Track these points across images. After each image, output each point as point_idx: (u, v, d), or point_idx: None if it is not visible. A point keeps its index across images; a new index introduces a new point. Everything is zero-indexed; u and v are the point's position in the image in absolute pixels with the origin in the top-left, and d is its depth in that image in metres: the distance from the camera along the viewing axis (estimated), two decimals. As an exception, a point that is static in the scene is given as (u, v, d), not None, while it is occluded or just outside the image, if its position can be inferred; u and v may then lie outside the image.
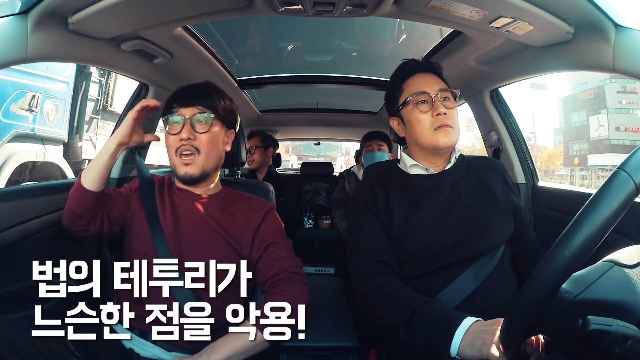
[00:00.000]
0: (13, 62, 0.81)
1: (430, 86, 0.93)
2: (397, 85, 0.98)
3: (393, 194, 0.95)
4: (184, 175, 0.95)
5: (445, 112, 0.90)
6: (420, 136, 0.93)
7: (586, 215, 0.47)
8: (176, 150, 0.94)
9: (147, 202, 0.98)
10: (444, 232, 0.89)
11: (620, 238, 0.84)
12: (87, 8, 0.85)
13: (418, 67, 0.97)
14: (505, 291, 0.88)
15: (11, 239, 0.99)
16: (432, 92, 0.92)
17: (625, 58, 0.80)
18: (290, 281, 0.89)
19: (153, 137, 1.08)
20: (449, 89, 0.94)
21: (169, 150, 0.96)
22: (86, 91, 5.25)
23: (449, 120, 0.91)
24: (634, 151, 0.50)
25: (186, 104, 0.95)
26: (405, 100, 0.94)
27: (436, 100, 0.91)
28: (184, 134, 0.93)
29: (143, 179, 1.05)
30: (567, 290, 0.50)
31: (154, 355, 0.86)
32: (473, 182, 0.95)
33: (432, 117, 0.91)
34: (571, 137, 24.53)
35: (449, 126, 0.91)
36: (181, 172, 0.95)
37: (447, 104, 0.92)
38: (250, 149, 2.30)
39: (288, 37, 1.73)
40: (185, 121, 0.93)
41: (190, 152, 0.94)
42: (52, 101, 4.50)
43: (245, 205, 1.01)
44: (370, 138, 2.19)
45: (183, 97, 0.96)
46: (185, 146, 0.93)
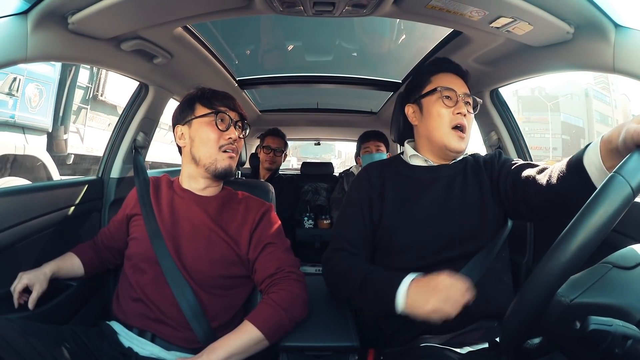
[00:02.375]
0: (13, 62, 0.80)
1: (458, 87, 0.96)
2: (426, 76, 1.01)
3: (390, 183, 0.98)
4: (226, 168, 0.98)
5: (465, 114, 0.94)
6: (435, 129, 0.95)
7: (583, 219, 0.47)
8: (220, 147, 0.97)
9: (145, 205, 0.99)
10: (437, 228, 0.90)
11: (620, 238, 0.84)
12: (87, 8, 0.85)
13: (451, 67, 1.00)
14: (500, 292, 0.88)
15: (11, 239, 0.99)
16: (459, 92, 0.95)
17: (625, 58, 0.80)
18: (287, 280, 0.89)
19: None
20: (472, 96, 0.98)
21: (210, 144, 0.97)
22: (75, 77, 4.43)
23: (465, 122, 0.94)
24: (629, 155, 0.50)
25: (230, 107, 1.00)
26: (433, 90, 0.97)
27: (460, 101, 0.95)
28: (233, 134, 0.97)
29: (140, 181, 1.06)
30: (564, 294, 0.50)
31: (153, 354, 0.86)
32: (469, 179, 0.95)
33: (453, 114, 0.94)
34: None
35: (464, 129, 0.94)
36: (223, 164, 0.97)
37: (468, 108, 0.96)
38: (276, 149, 2.26)
39: (288, 37, 1.73)
40: (232, 123, 0.99)
41: (234, 152, 0.99)
42: (35, 85, 3.82)
43: (243, 205, 1.01)
44: (367, 139, 2.17)
45: (226, 100, 1.00)
46: (232, 145, 0.98)
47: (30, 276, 0.91)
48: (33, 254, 1.07)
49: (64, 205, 1.20)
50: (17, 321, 0.77)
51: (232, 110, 1.00)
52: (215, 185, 1.03)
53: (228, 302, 0.95)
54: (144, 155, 1.46)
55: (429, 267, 0.88)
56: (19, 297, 0.89)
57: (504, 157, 0.98)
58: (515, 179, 0.87)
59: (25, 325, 0.77)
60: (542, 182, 0.79)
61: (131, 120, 1.41)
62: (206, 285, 0.91)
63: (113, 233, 1.06)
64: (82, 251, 1.06)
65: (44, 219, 1.10)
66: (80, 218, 1.27)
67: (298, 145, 12.04)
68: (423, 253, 0.89)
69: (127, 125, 1.41)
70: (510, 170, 0.90)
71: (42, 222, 1.10)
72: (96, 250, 1.07)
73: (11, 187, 1.12)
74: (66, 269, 1.01)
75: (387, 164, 1.05)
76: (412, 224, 0.92)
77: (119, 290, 0.97)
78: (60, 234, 1.17)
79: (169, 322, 0.88)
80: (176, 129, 1.01)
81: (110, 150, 1.42)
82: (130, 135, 1.41)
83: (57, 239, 1.16)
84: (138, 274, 0.93)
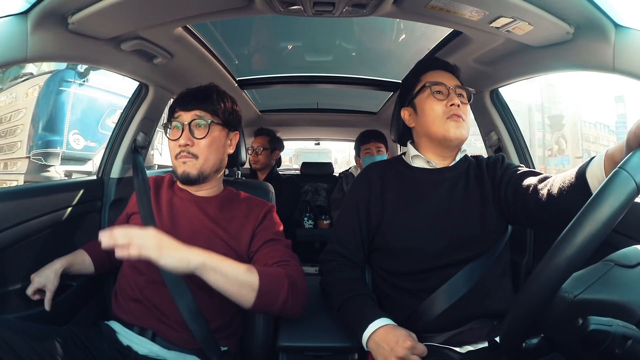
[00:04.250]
0: (13, 62, 0.81)
1: (447, 80, 0.96)
2: (415, 77, 1.01)
3: (390, 185, 0.97)
4: (181, 174, 0.96)
5: (459, 105, 0.93)
6: (431, 124, 0.94)
7: (587, 214, 0.47)
8: (176, 155, 0.96)
9: (143, 205, 0.98)
10: (438, 232, 0.89)
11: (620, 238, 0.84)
12: (87, 8, 0.85)
13: (438, 64, 1.00)
14: (500, 292, 0.88)
15: (11, 239, 0.99)
16: (449, 85, 0.95)
17: (625, 58, 0.80)
18: (292, 268, 0.88)
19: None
20: (464, 87, 0.97)
21: (170, 155, 0.98)
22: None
23: (461, 112, 0.93)
24: (634, 151, 0.50)
25: (186, 108, 0.96)
26: (422, 87, 0.97)
27: (451, 92, 0.94)
28: (182, 140, 0.94)
29: (139, 181, 1.06)
30: (568, 290, 0.50)
31: (151, 353, 0.86)
32: (471, 182, 0.95)
33: (446, 107, 0.93)
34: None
35: (461, 118, 0.92)
36: (179, 170, 0.96)
37: (462, 100, 0.95)
38: (257, 148, 2.27)
39: (288, 37, 1.73)
40: (184, 127, 0.95)
41: (188, 157, 0.95)
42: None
43: (245, 205, 1.01)
44: (367, 140, 2.13)
45: (184, 102, 0.98)
46: (184, 152, 0.94)
47: (40, 279, 0.93)
48: (33, 254, 1.07)
49: (64, 205, 1.20)
50: (16, 322, 0.77)
51: (185, 110, 0.96)
52: (211, 187, 1.03)
53: (227, 303, 0.94)
54: (143, 155, 1.46)
55: (429, 271, 0.89)
56: (34, 296, 0.93)
57: (507, 162, 0.97)
58: (517, 187, 0.87)
59: (24, 325, 0.77)
60: (543, 193, 0.78)
61: (131, 120, 1.41)
62: (205, 285, 0.91)
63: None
64: (92, 249, 1.06)
65: (44, 219, 1.10)
66: (80, 218, 1.27)
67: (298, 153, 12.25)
68: (422, 256, 0.89)
69: (127, 125, 1.41)
70: (513, 177, 0.90)
71: (42, 222, 1.09)
72: (106, 249, 1.06)
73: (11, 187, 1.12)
74: (77, 265, 1.02)
75: (388, 164, 1.05)
76: (412, 227, 0.91)
77: (117, 289, 0.97)
78: (60, 234, 1.17)
79: (168, 322, 0.88)
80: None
81: (110, 151, 1.42)
82: (130, 135, 1.41)
83: (57, 239, 1.15)
84: (136, 274, 0.93)
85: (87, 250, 1.06)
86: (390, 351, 0.74)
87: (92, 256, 1.05)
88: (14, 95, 5.03)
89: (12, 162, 4.80)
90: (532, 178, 0.85)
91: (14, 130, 4.80)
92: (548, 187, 0.77)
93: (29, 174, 4.52)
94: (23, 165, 4.64)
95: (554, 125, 25.49)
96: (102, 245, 0.67)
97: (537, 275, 0.50)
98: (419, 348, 0.74)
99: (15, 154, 4.74)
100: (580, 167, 0.71)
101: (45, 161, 4.53)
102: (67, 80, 4.81)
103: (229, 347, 0.94)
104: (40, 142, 4.60)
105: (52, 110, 4.70)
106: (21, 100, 4.88)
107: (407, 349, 0.73)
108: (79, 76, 4.91)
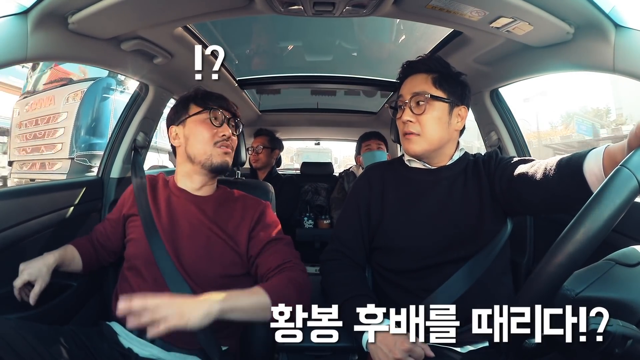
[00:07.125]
0: (13, 62, 0.81)
1: (409, 90, 0.93)
2: (398, 89, 1.00)
3: (390, 185, 0.98)
4: (222, 163, 0.98)
5: (411, 120, 0.90)
6: (400, 139, 0.97)
7: (589, 211, 0.47)
8: (215, 142, 0.98)
9: (142, 205, 0.98)
10: (437, 230, 0.90)
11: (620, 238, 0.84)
12: (87, 8, 0.85)
13: (407, 71, 0.96)
14: (500, 292, 0.89)
15: (11, 239, 0.99)
16: (407, 97, 0.92)
17: (625, 58, 0.80)
18: (294, 269, 0.88)
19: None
20: (421, 93, 0.90)
21: (204, 142, 0.98)
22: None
23: (411, 128, 0.91)
24: (636, 149, 0.50)
25: (225, 108, 1.02)
26: (392, 106, 0.98)
27: (406, 107, 0.92)
28: (227, 131, 0.99)
29: (138, 181, 1.06)
30: (569, 288, 0.50)
31: (152, 355, 0.86)
32: (469, 181, 0.95)
33: (402, 122, 0.93)
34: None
35: (412, 134, 0.91)
36: (219, 159, 0.98)
37: (417, 110, 0.90)
38: (257, 147, 2.29)
39: (288, 37, 1.73)
40: (226, 121, 1.00)
41: (229, 148, 1.00)
42: (164, 122, 5.33)
43: (240, 205, 1.01)
44: (368, 138, 2.20)
45: (220, 101, 1.02)
46: (227, 142, 0.99)
47: (31, 271, 0.88)
48: (33, 254, 1.06)
49: (64, 205, 1.20)
50: (16, 321, 0.77)
51: (224, 109, 1.01)
52: (211, 184, 1.03)
53: None
54: (143, 155, 1.46)
55: (428, 269, 0.89)
56: (19, 292, 0.88)
57: (500, 156, 0.97)
58: (511, 178, 0.87)
59: (25, 325, 0.77)
60: (539, 183, 0.78)
61: (131, 120, 1.41)
62: (205, 285, 0.91)
63: (109, 232, 1.05)
64: (80, 245, 1.04)
65: (44, 219, 1.10)
66: (80, 218, 1.27)
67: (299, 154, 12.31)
68: (422, 254, 0.90)
69: (127, 125, 1.41)
70: (506, 168, 0.90)
71: (42, 222, 1.09)
72: (94, 246, 1.06)
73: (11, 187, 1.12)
74: (68, 262, 0.99)
75: (388, 166, 1.05)
76: (412, 225, 0.92)
77: (118, 290, 0.97)
78: (60, 234, 1.17)
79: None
80: (170, 129, 1.03)
81: (110, 150, 1.42)
82: (130, 135, 1.41)
83: (57, 239, 1.15)
84: (137, 276, 0.93)
85: (75, 245, 1.03)
86: (388, 353, 0.74)
87: (81, 252, 1.02)
88: (52, 98, 5.06)
89: (50, 162, 4.86)
90: (525, 167, 0.85)
91: (54, 132, 4.84)
92: (543, 175, 0.77)
93: (72, 173, 4.57)
94: (65, 165, 4.70)
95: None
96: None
97: (539, 272, 0.50)
98: (417, 351, 0.74)
99: (56, 154, 4.80)
100: (576, 159, 0.71)
101: (89, 162, 4.62)
102: (109, 87, 4.83)
103: (229, 346, 0.94)
104: (83, 144, 4.69)
105: (96, 114, 4.80)
106: (61, 104, 4.92)
107: (405, 351, 0.73)
108: (119, 84, 4.91)
